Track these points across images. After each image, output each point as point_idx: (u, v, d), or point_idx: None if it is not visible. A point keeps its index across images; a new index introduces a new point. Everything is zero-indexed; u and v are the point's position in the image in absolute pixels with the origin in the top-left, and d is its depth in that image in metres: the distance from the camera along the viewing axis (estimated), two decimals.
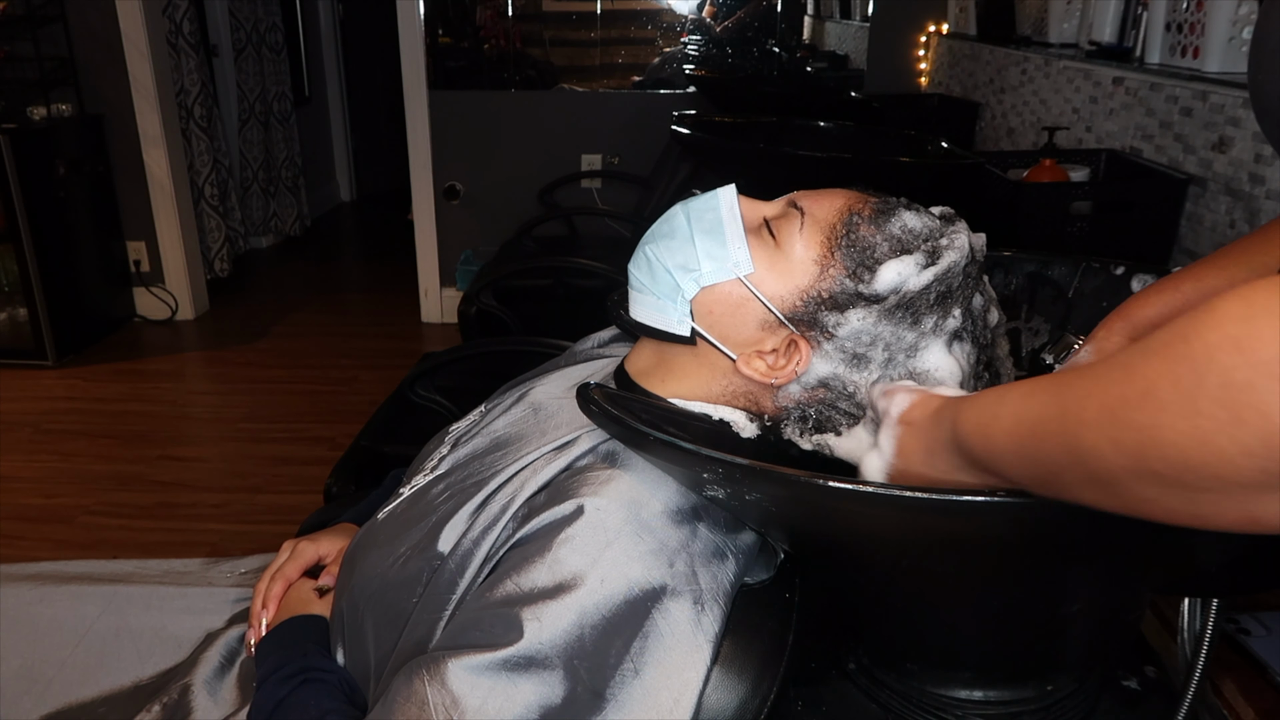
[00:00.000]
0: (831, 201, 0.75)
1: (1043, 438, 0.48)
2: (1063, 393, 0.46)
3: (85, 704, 0.95)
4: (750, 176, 1.76)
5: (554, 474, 0.74)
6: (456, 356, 1.82)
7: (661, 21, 3.59)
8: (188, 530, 2.37)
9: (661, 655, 0.66)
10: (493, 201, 3.62)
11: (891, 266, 0.72)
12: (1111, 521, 0.56)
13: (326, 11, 5.43)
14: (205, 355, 3.49)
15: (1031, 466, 0.49)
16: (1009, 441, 0.51)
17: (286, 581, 0.93)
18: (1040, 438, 0.48)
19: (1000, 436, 0.52)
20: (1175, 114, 1.69)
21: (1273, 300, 0.36)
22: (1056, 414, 0.46)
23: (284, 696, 0.78)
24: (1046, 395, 0.48)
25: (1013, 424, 0.50)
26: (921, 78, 3.36)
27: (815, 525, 0.71)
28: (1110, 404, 0.42)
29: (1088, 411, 0.43)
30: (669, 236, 0.76)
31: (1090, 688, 0.78)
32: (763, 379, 0.74)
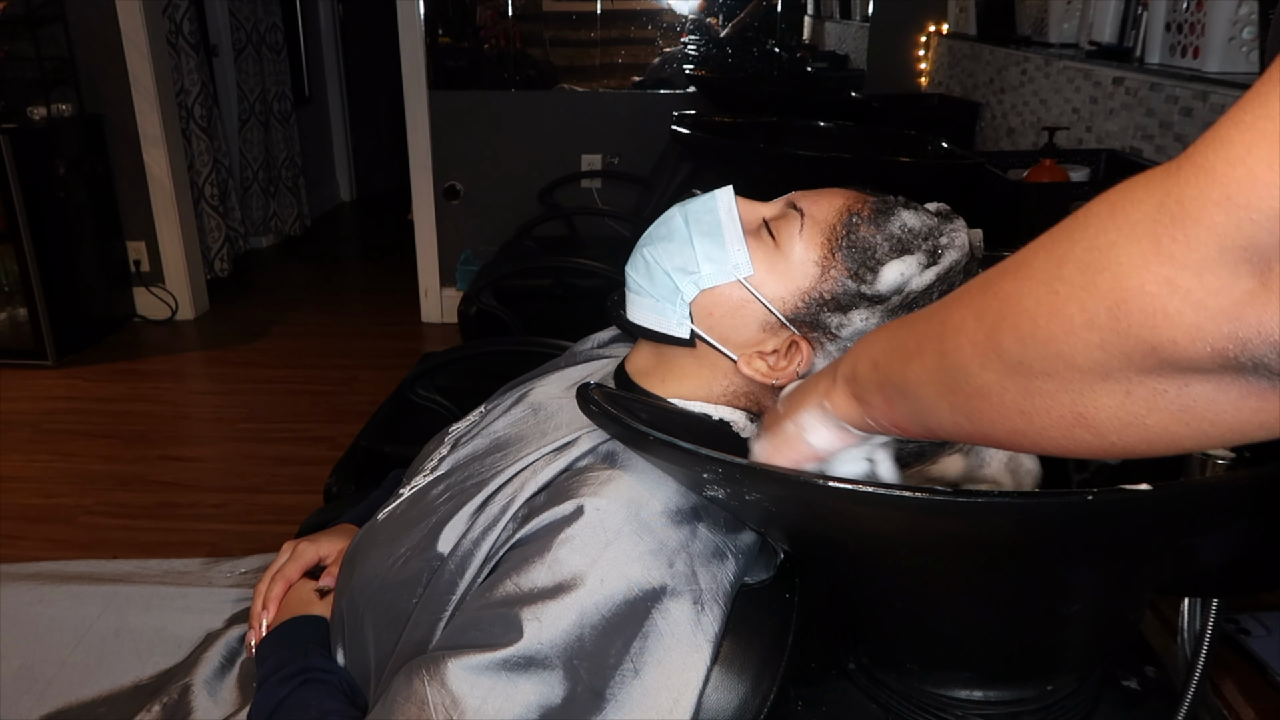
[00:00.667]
0: (830, 202, 0.75)
1: (917, 319, 0.48)
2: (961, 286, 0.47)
3: (85, 704, 0.95)
4: (750, 176, 1.76)
5: (554, 474, 0.74)
6: (456, 356, 1.82)
7: (661, 21, 3.59)
8: (188, 530, 2.37)
9: (661, 655, 0.66)
10: (493, 201, 3.62)
11: (894, 267, 0.72)
12: (1111, 522, 0.56)
13: (326, 11, 5.43)
14: (205, 355, 3.49)
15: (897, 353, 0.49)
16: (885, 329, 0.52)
17: (286, 582, 0.93)
18: (914, 320, 0.49)
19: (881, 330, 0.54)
20: (1175, 114, 1.69)
21: (1156, 172, 0.36)
22: (945, 299, 0.47)
23: (284, 697, 0.78)
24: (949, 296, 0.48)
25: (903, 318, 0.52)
26: (921, 78, 3.36)
27: (815, 525, 0.71)
28: (986, 278, 0.43)
29: (968, 287, 0.44)
30: (667, 239, 0.76)
31: (1090, 688, 0.78)
32: (764, 379, 0.74)
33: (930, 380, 0.47)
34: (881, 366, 0.52)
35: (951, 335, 0.44)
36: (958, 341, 0.44)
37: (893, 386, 0.51)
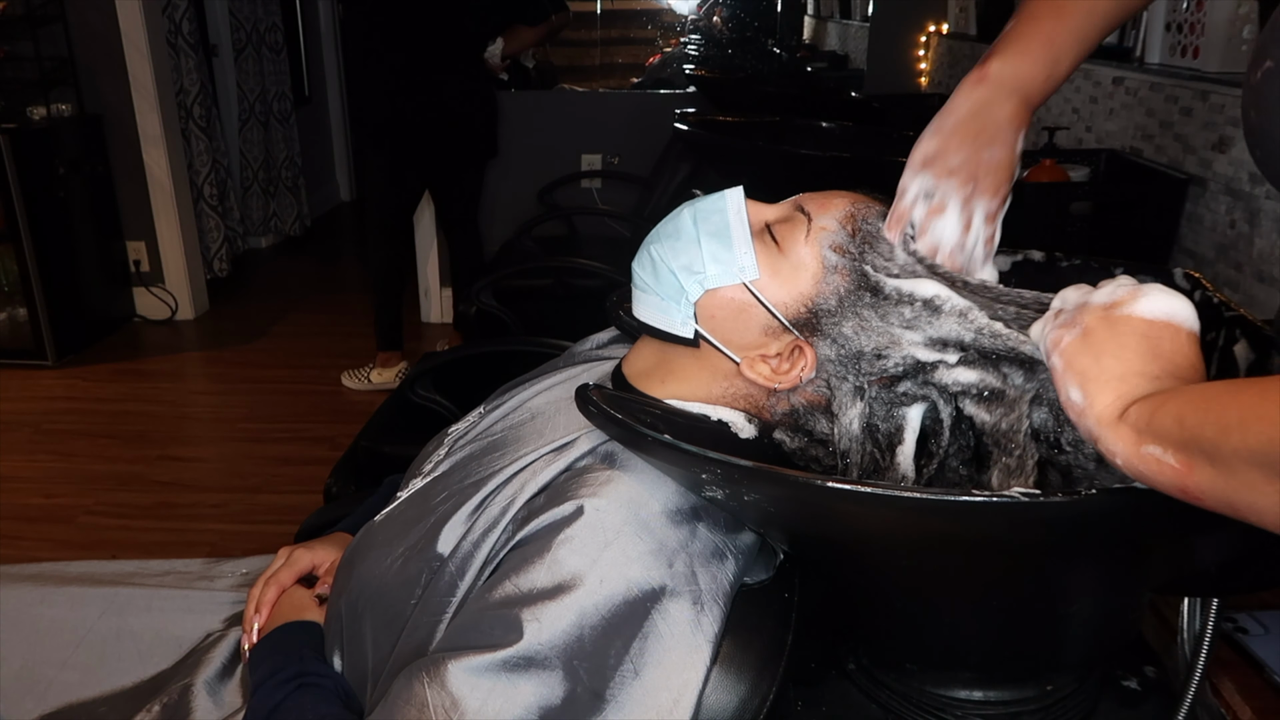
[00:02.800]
0: (837, 205, 0.75)
1: (1245, 391, 0.44)
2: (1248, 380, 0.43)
3: (85, 704, 0.95)
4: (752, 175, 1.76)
5: (553, 475, 0.74)
6: (456, 356, 1.82)
7: (661, 21, 3.59)
8: (188, 530, 2.37)
9: (661, 655, 0.66)
10: (493, 201, 3.62)
11: None
12: (1111, 522, 0.56)
13: (326, 11, 5.44)
14: (205, 355, 3.49)
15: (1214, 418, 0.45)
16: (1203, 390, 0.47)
17: (280, 588, 0.93)
18: (1241, 390, 0.44)
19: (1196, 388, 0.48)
20: (1175, 114, 1.69)
21: None
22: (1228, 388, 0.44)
23: (280, 701, 0.78)
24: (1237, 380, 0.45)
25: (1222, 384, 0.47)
26: (921, 78, 3.36)
27: (814, 526, 0.71)
28: None
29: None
30: (674, 237, 0.76)
31: (1090, 688, 0.78)
32: (766, 383, 0.74)
33: (1254, 460, 0.41)
34: (1189, 425, 0.46)
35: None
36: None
37: (1200, 449, 0.45)
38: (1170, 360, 0.53)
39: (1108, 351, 0.54)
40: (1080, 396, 0.54)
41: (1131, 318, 0.55)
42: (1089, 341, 0.55)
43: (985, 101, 0.75)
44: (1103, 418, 0.52)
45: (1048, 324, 0.61)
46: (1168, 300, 0.55)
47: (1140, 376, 0.52)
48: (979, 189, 0.74)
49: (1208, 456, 0.44)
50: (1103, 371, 0.54)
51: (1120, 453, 0.51)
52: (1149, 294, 0.56)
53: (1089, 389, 0.54)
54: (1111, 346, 0.54)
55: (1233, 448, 0.42)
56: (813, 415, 0.74)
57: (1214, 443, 0.43)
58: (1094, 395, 0.53)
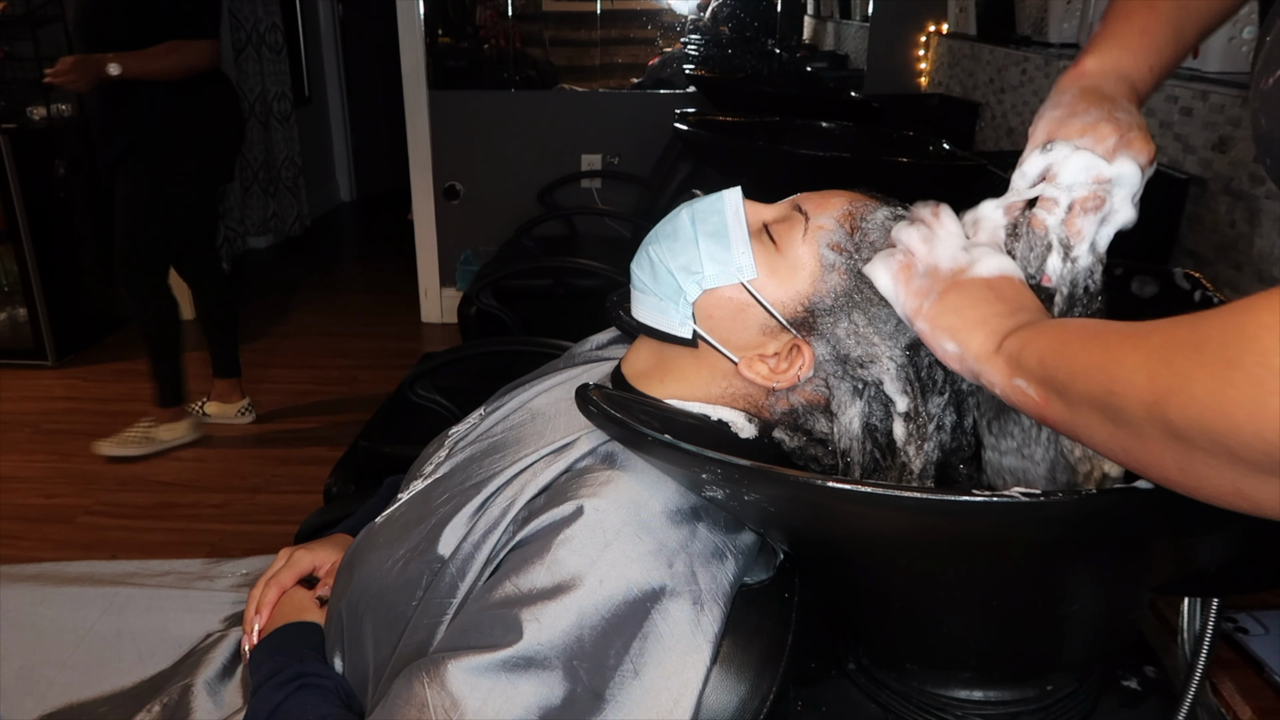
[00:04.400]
0: (834, 204, 0.75)
1: (1092, 341, 0.49)
2: (1138, 325, 0.47)
3: (85, 704, 0.95)
4: (752, 175, 1.76)
5: (554, 476, 0.74)
6: (456, 356, 1.82)
7: (661, 21, 3.59)
8: (188, 530, 2.37)
9: (661, 656, 0.66)
10: (493, 201, 3.62)
11: None
12: (1111, 522, 0.56)
13: (326, 11, 5.43)
14: (205, 355, 3.48)
15: (1066, 363, 0.51)
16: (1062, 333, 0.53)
17: (280, 588, 0.93)
18: (1090, 340, 0.49)
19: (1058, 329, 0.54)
20: (1175, 114, 1.69)
21: None
22: (1119, 331, 0.47)
23: (280, 702, 0.78)
24: (1122, 325, 0.49)
25: (1078, 327, 0.52)
26: (921, 78, 3.36)
27: (814, 525, 0.71)
28: (1165, 341, 0.43)
29: (1147, 340, 0.45)
30: (672, 237, 0.76)
31: (1090, 688, 0.78)
32: (765, 382, 0.74)
33: (1093, 405, 0.47)
34: (1048, 365, 0.52)
35: (1122, 379, 0.45)
36: (1126, 389, 0.44)
37: (1054, 388, 0.51)
38: (1016, 301, 0.62)
39: (964, 305, 0.62)
40: (954, 345, 0.61)
41: (974, 278, 0.64)
42: (946, 302, 0.63)
43: (1094, 84, 0.73)
44: (980, 354, 0.59)
45: (902, 297, 0.66)
46: (997, 259, 0.65)
47: (998, 315, 0.60)
48: (1127, 140, 0.68)
49: (1059, 394, 0.51)
50: (965, 320, 0.61)
51: (997, 383, 0.57)
52: (981, 258, 0.65)
53: (960, 338, 0.61)
54: (967, 300, 0.62)
55: (1077, 391, 0.49)
56: (812, 414, 0.75)
57: (1064, 384, 0.50)
58: (966, 340, 0.60)
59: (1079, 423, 0.49)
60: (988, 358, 0.58)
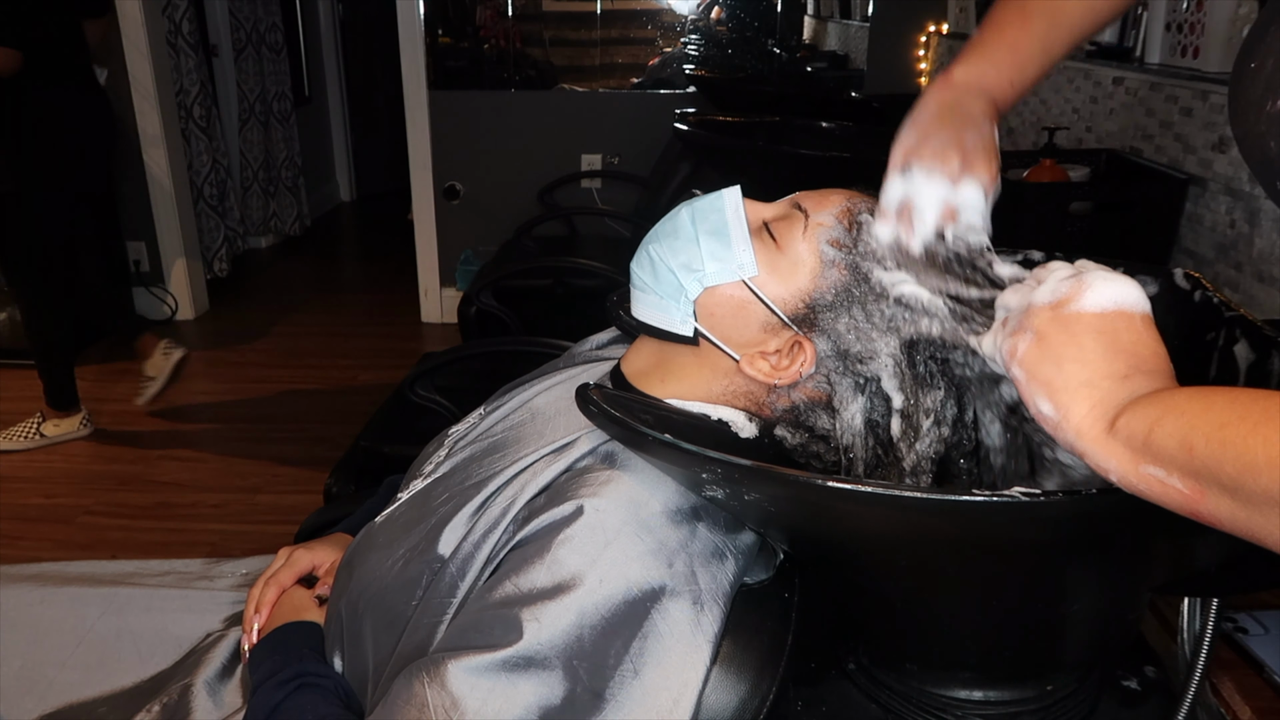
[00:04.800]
0: (834, 202, 0.76)
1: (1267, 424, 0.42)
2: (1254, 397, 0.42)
3: (85, 704, 0.95)
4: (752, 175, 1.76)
5: (554, 476, 0.74)
6: (456, 356, 1.82)
7: (661, 21, 3.59)
8: (188, 530, 2.37)
9: (661, 655, 0.66)
10: (493, 201, 3.62)
11: None
12: (1111, 522, 0.56)
13: (326, 11, 5.43)
14: (205, 355, 3.48)
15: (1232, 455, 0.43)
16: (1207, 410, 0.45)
17: (280, 588, 0.93)
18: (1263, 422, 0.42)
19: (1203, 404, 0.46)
20: (1175, 114, 1.69)
21: None
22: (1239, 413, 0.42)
23: (280, 701, 0.77)
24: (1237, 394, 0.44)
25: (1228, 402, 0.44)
26: (921, 78, 3.36)
27: (814, 525, 0.71)
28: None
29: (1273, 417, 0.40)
30: (673, 236, 0.76)
31: (1090, 688, 0.78)
32: (766, 379, 0.74)
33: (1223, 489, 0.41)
34: (1199, 455, 0.44)
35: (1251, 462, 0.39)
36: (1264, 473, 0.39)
37: (1213, 481, 0.43)
38: (1133, 353, 0.52)
39: (1067, 356, 0.52)
40: (1051, 409, 0.52)
41: (1083, 314, 0.53)
42: (1045, 348, 0.53)
43: (955, 99, 0.76)
44: (1083, 431, 0.50)
45: (998, 334, 0.59)
46: (1113, 288, 0.53)
47: (1108, 379, 0.50)
48: (970, 164, 0.73)
49: (1227, 491, 0.42)
50: (1068, 380, 0.51)
51: (1115, 470, 0.49)
52: (1093, 285, 0.54)
53: (1059, 400, 0.51)
54: (1071, 350, 0.52)
55: (1259, 488, 0.40)
56: (813, 411, 0.75)
57: (1235, 479, 0.42)
58: (1066, 407, 0.51)
59: (1258, 523, 0.42)
60: (1099, 439, 0.49)
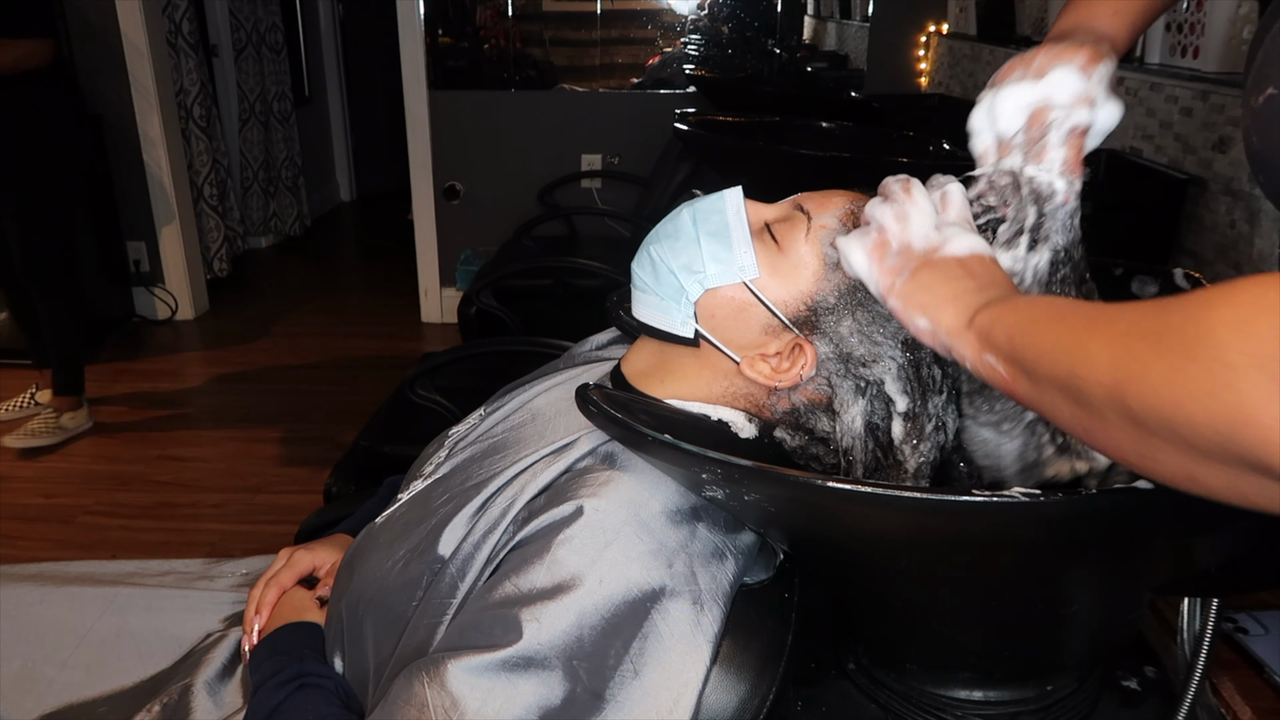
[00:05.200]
0: (836, 204, 0.75)
1: (1059, 323, 0.50)
2: (1105, 307, 0.48)
3: (85, 704, 0.95)
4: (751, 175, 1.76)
5: (554, 477, 0.74)
6: (456, 356, 1.82)
7: (661, 21, 3.59)
8: (188, 530, 2.37)
9: (661, 656, 0.66)
10: (493, 201, 3.62)
11: None
12: (1111, 521, 0.56)
13: (326, 11, 5.43)
14: (205, 355, 3.48)
15: (1033, 343, 0.52)
16: (1031, 312, 0.54)
17: (280, 589, 0.93)
18: (1057, 321, 0.50)
19: (1029, 307, 0.55)
20: (1175, 114, 1.69)
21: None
22: (1087, 314, 0.49)
23: (280, 702, 0.78)
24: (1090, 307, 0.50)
25: (1048, 306, 0.54)
26: (921, 78, 3.36)
27: (814, 525, 0.71)
28: (1129, 328, 0.44)
29: (1112, 325, 0.46)
30: (673, 237, 0.76)
31: (1090, 688, 0.78)
32: (766, 381, 0.74)
33: (1058, 386, 0.49)
34: (1016, 344, 0.54)
35: (1084, 363, 0.46)
36: (1088, 372, 0.46)
37: (1021, 366, 0.53)
38: (986, 277, 0.63)
39: (935, 283, 0.63)
40: (926, 323, 0.62)
41: (945, 258, 0.65)
42: (919, 280, 0.64)
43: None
44: (951, 329, 0.60)
45: (874, 277, 0.67)
46: (968, 238, 0.65)
47: (968, 291, 0.61)
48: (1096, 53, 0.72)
49: (1026, 373, 0.52)
50: (937, 297, 0.62)
51: (968, 357, 0.58)
52: (954, 239, 0.66)
53: (931, 313, 0.62)
54: (939, 278, 0.64)
55: (1043, 371, 0.50)
56: (814, 413, 0.75)
57: (1031, 363, 0.52)
58: (938, 315, 0.62)
59: (1044, 401, 0.51)
60: (959, 332, 0.60)
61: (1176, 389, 0.40)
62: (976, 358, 0.58)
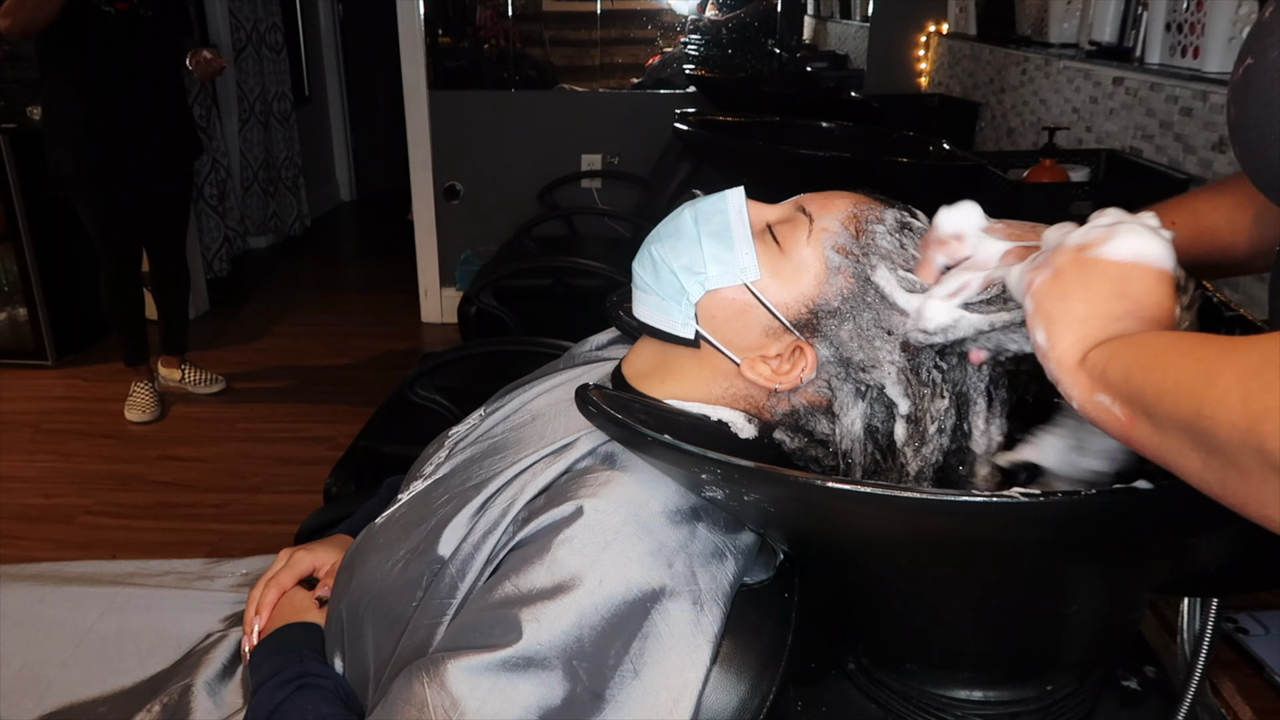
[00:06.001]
0: (838, 205, 0.75)
1: (1185, 356, 0.44)
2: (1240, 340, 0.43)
3: (85, 704, 0.95)
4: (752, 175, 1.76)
5: (554, 477, 0.74)
6: (456, 356, 1.82)
7: (661, 21, 3.59)
8: (188, 530, 2.37)
9: (661, 656, 0.66)
10: (493, 201, 3.62)
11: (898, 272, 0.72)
12: (1111, 521, 0.56)
13: (326, 11, 5.43)
14: (205, 355, 3.48)
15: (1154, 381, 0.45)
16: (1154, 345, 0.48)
17: (280, 589, 0.93)
18: (1183, 355, 0.44)
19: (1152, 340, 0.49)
20: (1175, 114, 1.69)
21: None
22: (1218, 345, 0.43)
23: (280, 702, 0.78)
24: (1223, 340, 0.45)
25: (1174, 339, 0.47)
26: (921, 78, 3.36)
27: (814, 526, 0.71)
28: (1264, 358, 0.39)
29: (1245, 356, 0.40)
30: (675, 237, 0.76)
31: (1090, 688, 0.78)
32: (767, 383, 0.74)
33: (1182, 428, 0.43)
34: (1134, 381, 0.47)
35: (1212, 401, 0.40)
36: (1217, 412, 0.40)
37: (1141, 406, 0.46)
38: (1136, 301, 0.53)
39: (1074, 294, 0.54)
40: (1044, 339, 0.54)
41: (1100, 260, 0.55)
42: (1058, 283, 0.55)
43: None
44: (1063, 361, 0.52)
45: (1026, 267, 0.60)
46: (1140, 240, 0.55)
47: (1102, 318, 0.52)
48: None
49: (1147, 415, 0.46)
50: (1067, 313, 0.54)
51: (1075, 397, 0.52)
52: (1121, 234, 0.55)
53: (1053, 331, 0.54)
54: (1078, 289, 0.54)
55: (1165, 412, 0.44)
56: (813, 415, 0.74)
57: (1151, 405, 0.45)
58: (1056, 337, 0.53)
59: (1168, 448, 0.45)
60: (1070, 369, 0.52)
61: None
62: (1086, 398, 0.51)
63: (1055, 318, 0.54)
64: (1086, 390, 0.51)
